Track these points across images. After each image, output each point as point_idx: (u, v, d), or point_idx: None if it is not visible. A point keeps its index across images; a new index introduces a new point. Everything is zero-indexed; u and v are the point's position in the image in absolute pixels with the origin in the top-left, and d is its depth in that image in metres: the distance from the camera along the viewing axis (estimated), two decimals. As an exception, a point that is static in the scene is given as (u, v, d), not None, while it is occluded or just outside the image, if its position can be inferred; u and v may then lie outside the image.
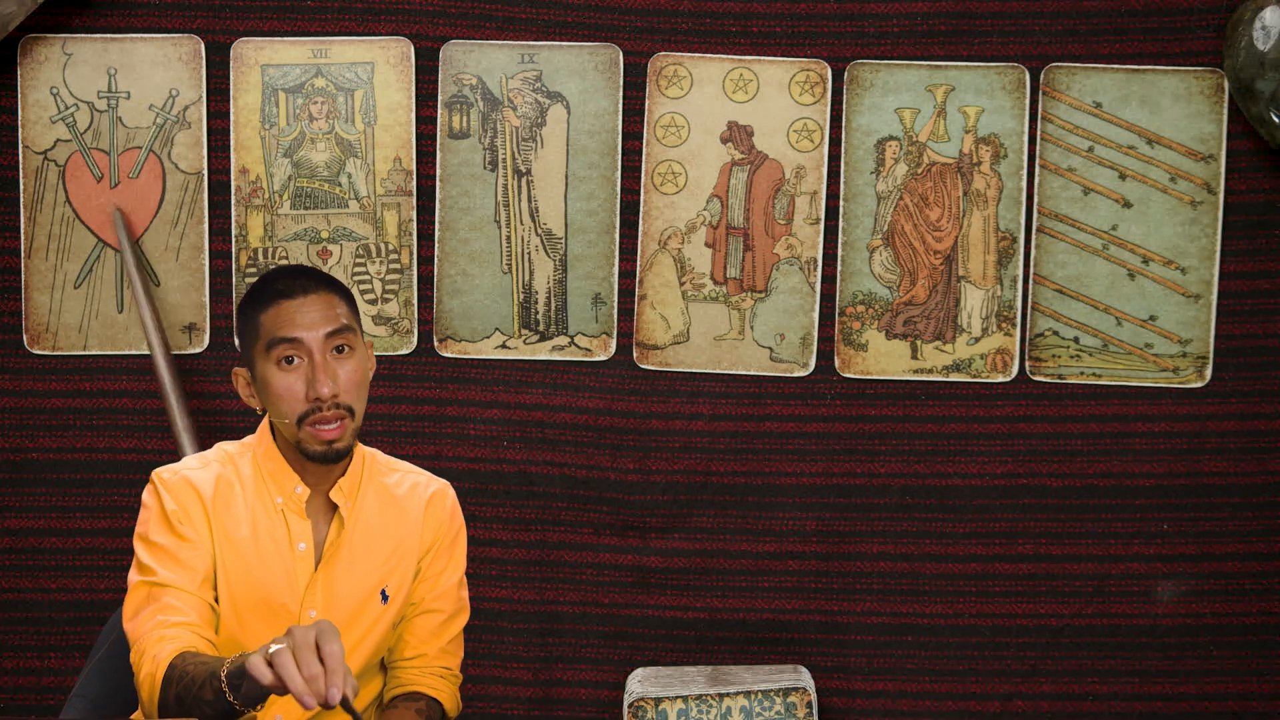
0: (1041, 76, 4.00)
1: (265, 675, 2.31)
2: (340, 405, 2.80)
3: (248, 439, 2.95)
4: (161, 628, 2.71)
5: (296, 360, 2.80)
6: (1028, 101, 4.00)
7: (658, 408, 4.08)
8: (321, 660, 2.30)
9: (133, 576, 2.81)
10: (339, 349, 2.81)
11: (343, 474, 2.90)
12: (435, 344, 4.06)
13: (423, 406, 4.06)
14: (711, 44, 4.02)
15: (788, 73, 4.02)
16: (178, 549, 2.80)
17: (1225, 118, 3.98)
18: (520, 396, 4.07)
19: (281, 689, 2.31)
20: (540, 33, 4.01)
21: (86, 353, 4.04)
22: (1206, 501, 4.04)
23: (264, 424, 2.93)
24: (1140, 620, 4.07)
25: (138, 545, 2.83)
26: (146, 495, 2.87)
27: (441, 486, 3.02)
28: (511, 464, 4.08)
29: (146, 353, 4.03)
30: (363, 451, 2.97)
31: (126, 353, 4.04)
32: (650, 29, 4.02)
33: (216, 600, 2.83)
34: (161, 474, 2.88)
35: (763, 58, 4.02)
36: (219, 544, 2.84)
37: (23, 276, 4.03)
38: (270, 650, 2.33)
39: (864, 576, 4.09)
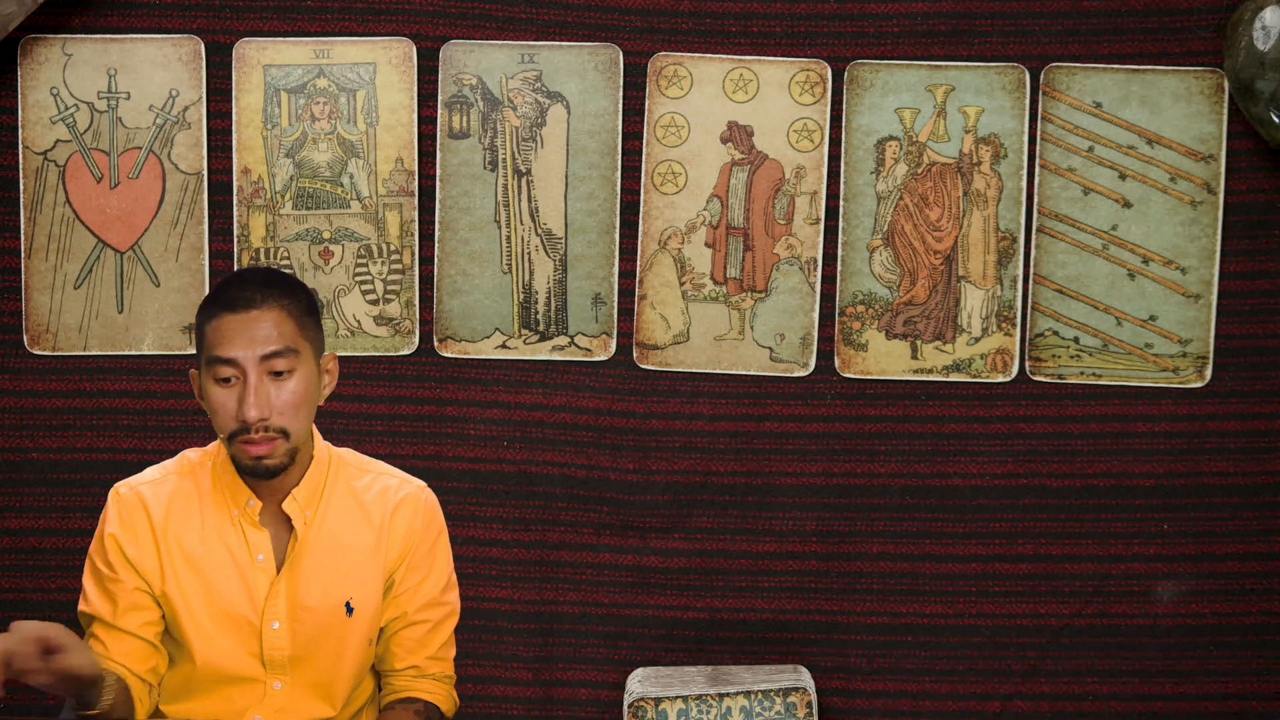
0: (1041, 76, 4.00)
1: None
2: (271, 428, 2.74)
3: (210, 446, 2.92)
4: None
5: (232, 379, 2.74)
6: (1028, 101, 4.00)
7: (658, 408, 4.07)
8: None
9: (84, 582, 2.87)
10: (278, 373, 2.75)
11: (296, 483, 2.85)
12: (435, 344, 4.06)
13: (423, 406, 4.06)
14: (711, 44, 4.02)
15: (788, 73, 4.02)
16: (108, 580, 2.83)
17: (1225, 118, 3.98)
18: (520, 396, 4.07)
19: None
20: (540, 33, 4.01)
21: (86, 353, 4.03)
22: (1206, 501, 4.04)
23: None
24: (1140, 620, 4.07)
25: (87, 559, 2.88)
26: (104, 510, 2.88)
27: (413, 491, 2.95)
28: (511, 464, 4.08)
29: (146, 353, 4.03)
30: (328, 455, 2.90)
31: (126, 353, 4.04)
32: (650, 29, 4.01)
33: (164, 618, 2.83)
34: (119, 489, 2.88)
35: (763, 58, 4.02)
36: (171, 562, 2.83)
37: (23, 277, 4.03)
38: None
39: (864, 576, 4.09)
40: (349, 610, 2.86)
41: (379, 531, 2.89)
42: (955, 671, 4.09)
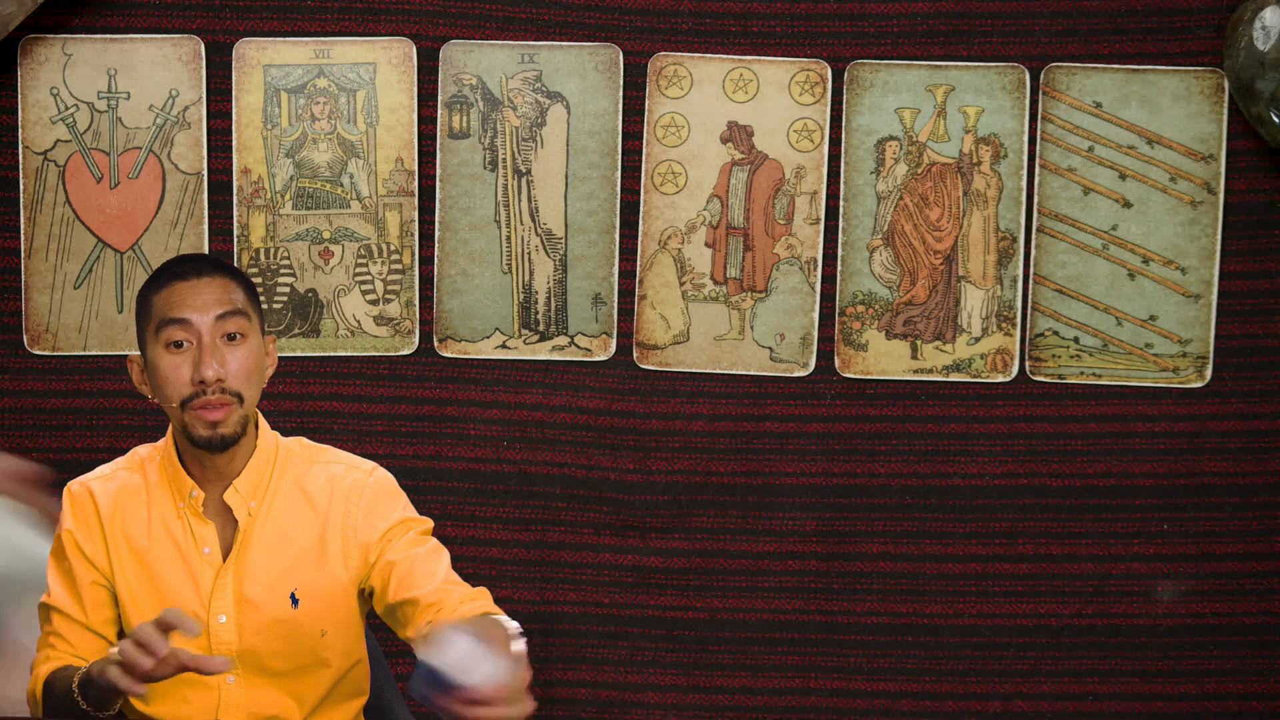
0: (1041, 76, 4.00)
1: (120, 679, 2.48)
2: (226, 390, 2.74)
3: (160, 441, 2.91)
4: (46, 648, 2.81)
5: (185, 344, 2.74)
6: (1028, 101, 4.01)
7: (658, 408, 4.07)
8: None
9: (49, 579, 2.88)
10: (231, 336, 2.76)
11: (238, 474, 2.83)
12: (435, 344, 4.06)
13: (423, 406, 4.06)
14: (711, 44, 4.02)
15: (788, 73, 4.02)
16: (68, 575, 2.84)
17: (1225, 118, 3.98)
18: (520, 396, 4.07)
19: (133, 685, 2.47)
20: (540, 33, 4.01)
21: (86, 353, 4.03)
22: (1206, 501, 4.04)
23: (171, 425, 2.88)
24: (1140, 620, 4.07)
25: (50, 558, 2.89)
26: (61, 510, 2.89)
27: (359, 478, 2.87)
28: (511, 464, 4.08)
29: (146, 353, 4.04)
30: (274, 446, 2.87)
31: (126, 353, 4.03)
32: (650, 29, 4.02)
33: (120, 618, 2.83)
34: (71, 486, 2.89)
35: (763, 58, 4.02)
36: (118, 558, 2.82)
37: (23, 277, 4.03)
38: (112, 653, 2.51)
39: (864, 576, 4.09)
40: (294, 602, 2.82)
41: (325, 521, 2.84)
42: (955, 671, 4.09)
